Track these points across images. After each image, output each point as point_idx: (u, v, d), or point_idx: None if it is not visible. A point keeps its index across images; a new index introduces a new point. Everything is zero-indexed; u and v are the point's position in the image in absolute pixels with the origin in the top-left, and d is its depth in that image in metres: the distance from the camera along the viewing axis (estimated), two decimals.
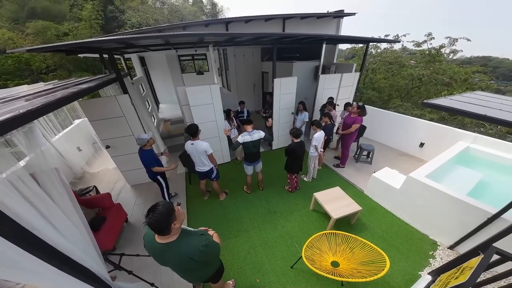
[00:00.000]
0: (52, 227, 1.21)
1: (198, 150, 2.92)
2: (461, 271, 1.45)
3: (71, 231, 1.38)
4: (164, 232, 1.22)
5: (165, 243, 1.26)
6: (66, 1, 17.64)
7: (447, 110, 1.70)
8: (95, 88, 2.43)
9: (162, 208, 1.17)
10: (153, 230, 1.22)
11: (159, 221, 1.16)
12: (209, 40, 3.68)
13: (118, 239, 2.95)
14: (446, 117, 8.82)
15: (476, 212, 2.29)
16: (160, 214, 1.15)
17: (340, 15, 5.65)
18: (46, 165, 1.34)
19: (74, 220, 1.47)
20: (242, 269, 2.55)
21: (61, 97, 1.61)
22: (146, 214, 1.17)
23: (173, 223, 1.22)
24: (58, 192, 1.41)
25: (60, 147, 4.41)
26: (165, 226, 1.19)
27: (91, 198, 2.92)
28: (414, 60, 10.33)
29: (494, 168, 3.46)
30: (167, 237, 1.25)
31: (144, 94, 6.71)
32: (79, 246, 1.36)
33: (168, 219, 1.19)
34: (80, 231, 1.48)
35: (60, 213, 1.32)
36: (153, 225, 1.16)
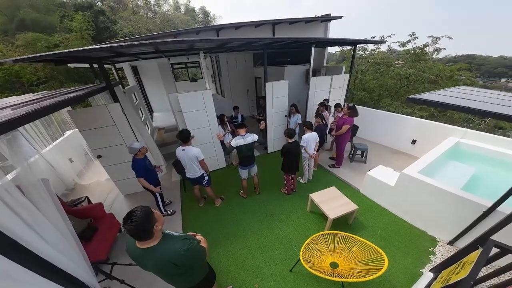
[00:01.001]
0: (39, 236, 1.18)
1: (189, 156, 2.89)
2: (462, 266, 1.45)
3: (58, 241, 1.36)
4: (145, 237, 1.18)
5: (145, 248, 1.21)
6: (56, 12, 17.61)
7: (431, 104, 1.74)
8: (84, 97, 2.40)
9: (139, 213, 1.14)
10: (134, 237, 1.17)
11: (139, 226, 1.11)
12: (200, 47, 3.72)
13: (111, 249, 2.86)
14: (436, 114, 9.08)
15: (471, 206, 2.32)
16: (138, 218, 1.11)
17: (327, 19, 5.82)
18: (32, 176, 1.33)
19: (62, 230, 1.44)
20: (240, 275, 2.49)
21: (46, 105, 1.59)
22: (123, 222, 1.12)
23: (155, 225, 1.19)
24: (45, 202, 1.40)
25: (50, 159, 4.30)
26: (145, 231, 1.15)
27: (82, 208, 2.85)
28: (401, 60, 10.67)
29: (485, 162, 3.53)
30: (148, 242, 1.21)
31: (137, 103, 6.67)
32: (67, 256, 1.33)
33: (148, 223, 1.15)
34: (68, 241, 1.45)
35: (46, 223, 1.30)
36: (133, 231, 1.12)
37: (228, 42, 3.28)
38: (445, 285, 1.44)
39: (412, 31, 9.83)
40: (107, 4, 22.01)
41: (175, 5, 28.19)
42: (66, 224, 1.59)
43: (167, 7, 27.66)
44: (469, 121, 8.32)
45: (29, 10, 17.06)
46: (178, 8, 27.98)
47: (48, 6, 18.08)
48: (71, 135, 5.45)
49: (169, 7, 27.81)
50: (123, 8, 22.75)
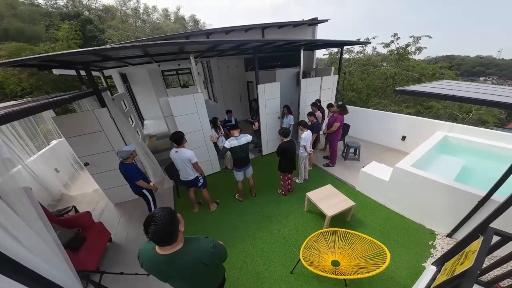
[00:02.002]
0: (18, 242, 1.09)
1: (182, 158, 2.81)
2: (465, 256, 1.44)
3: (41, 248, 1.27)
4: (170, 240, 1.09)
5: (170, 254, 1.12)
6: (41, 22, 17.25)
7: (418, 95, 1.78)
8: (68, 100, 2.29)
9: (162, 213, 1.04)
10: (159, 242, 1.08)
11: (165, 228, 1.02)
12: (190, 50, 3.69)
13: (101, 259, 2.71)
14: (422, 110, 9.44)
15: (466, 196, 2.35)
16: (163, 219, 1.02)
17: (314, 22, 6.00)
18: (13, 183, 1.26)
19: (45, 238, 1.35)
20: (239, 280, 2.38)
21: (27, 107, 1.49)
22: (145, 227, 1.02)
23: (179, 226, 1.11)
24: (26, 209, 1.33)
25: (35, 169, 4.08)
26: (171, 233, 1.07)
27: (69, 217, 2.69)
28: (385, 62, 11.14)
29: (473, 154, 3.65)
30: (173, 246, 1.12)
31: (126, 110, 6.51)
32: (50, 264, 1.24)
33: (173, 224, 1.06)
34: (52, 249, 1.36)
35: (27, 229, 1.22)
36: (159, 235, 1.02)
37: (219, 44, 3.29)
38: (450, 276, 1.42)
39: (392, 33, 10.35)
40: (94, 13, 21.82)
41: (165, 14, 28.38)
42: (49, 233, 1.50)
43: (156, 15, 27.82)
44: (453, 116, 8.69)
45: (13, 20, 16.63)
46: (167, 16, 28.18)
47: (33, 16, 17.72)
48: (57, 144, 5.22)
49: (158, 16, 27.96)
50: (111, 17, 22.62)
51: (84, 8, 21.24)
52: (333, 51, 11.77)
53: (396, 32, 10.14)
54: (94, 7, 22.07)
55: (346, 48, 11.26)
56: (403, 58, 9.91)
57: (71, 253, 2.15)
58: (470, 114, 8.25)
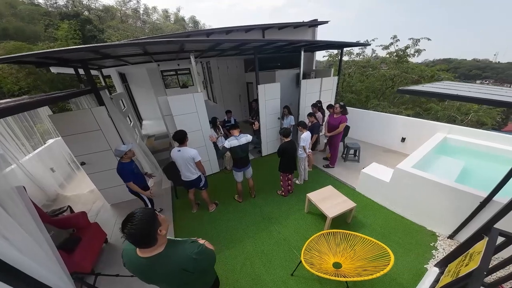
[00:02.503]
0: (9, 244, 1.04)
1: (185, 157, 2.76)
2: (470, 258, 1.41)
3: (32, 249, 1.21)
4: (148, 243, 1.04)
5: (150, 257, 1.07)
6: (41, 21, 17.18)
7: (421, 94, 1.77)
8: (65, 97, 2.25)
9: (141, 215, 1.00)
10: (135, 243, 1.03)
11: (141, 230, 0.97)
12: (191, 49, 3.67)
13: (97, 261, 2.64)
14: (421, 112, 9.49)
15: (467, 197, 2.33)
16: (140, 221, 0.97)
17: (314, 24, 6.02)
18: (5, 181, 1.21)
19: (37, 238, 1.30)
20: (238, 282, 2.33)
21: (22, 102, 1.45)
22: (122, 226, 0.97)
23: (159, 230, 1.05)
24: (17, 207, 1.28)
25: (30, 168, 4.00)
26: (149, 236, 1.01)
27: (64, 217, 2.62)
28: (384, 64, 11.22)
29: (473, 155, 3.65)
30: (152, 249, 1.06)
31: (125, 110, 6.45)
32: (41, 265, 1.19)
33: (151, 226, 1.01)
34: (44, 250, 1.30)
35: (18, 229, 1.16)
36: (135, 236, 0.97)
37: (220, 43, 3.27)
38: (455, 278, 1.39)
39: (392, 35, 10.43)
40: (94, 13, 21.81)
41: (165, 15, 28.44)
42: (42, 233, 1.45)
43: (156, 16, 27.86)
44: (452, 118, 8.74)
45: (12, 19, 16.54)
46: (167, 17, 28.24)
47: (32, 15, 17.66)
48: (53, 144, 5.14)
49: (158, 16, 28.01)
50: (111, 17, 22.61)
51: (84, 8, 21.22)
52: (333, 53, 11.83)
53: (396, 34, 10.22)
54: (94, 7, 22.07)
55: (346, 50, 11.33)
56: (402, 60, 9.99)
57: (65, 254, 2.09)
58: (469, 116, 8.30)
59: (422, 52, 9.62)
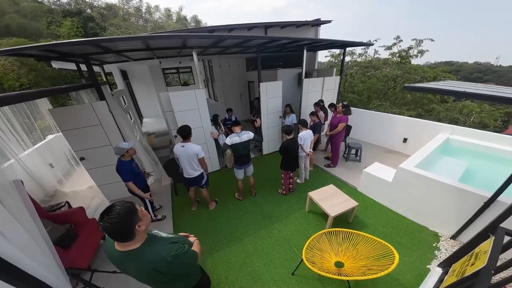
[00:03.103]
0: (4, 238, 1.00)
1: (188, 153, 2.72)
2: (475, 257, 1.38)
3: (27, 244, 1.18)
4: (124, 238, 1.01)
5: (125, 251, 1.04)
6: (43, 18, 17.21)
7: (429, 91, 1.74)
8: (65, 90, 2.22)
9: (119, 208, 0.97)
10: (110, 237, 1.01)
11: (117, 224, 0.94)
12: (193, 45, 3.65)
13: (94, 257, 2.60)
14: (423, 113, 9.45)
15: (471, 197, 2.29)
16: (117, 215, 0.95)
17: (317, 23, 6.00)
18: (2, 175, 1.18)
19: (33, 233, 1.26)
20: (238, 280, 2.29)
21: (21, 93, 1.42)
22: (99, 217, 0.95)
23: (137, 225, 1.01)
24: (13, 201, 1.24)
25: (29, 163, 3.96)
26: (125, 230, 0.99)
27: (61, 213, 2.59)
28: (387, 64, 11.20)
29: (476, 156, 3.61)
30: (128, 244, 1.03)
31: (125, 106, 6.43)
32: (37, 260, 1.15)
33: (129, 221, 0.98)
34: (39, 245, 1.27)
35: (14, 223, 1.13)
36: (110, 229, 0.95)
37: (223, 39, 3.25)
38: (461, 277, 1.36)
39: (395, 36, 10.40)
40: (97, 11, 21.85)
41: (167, 14, 28.48)
42: (38, 228, 1.42)
43: (158, 15, 27.91)
44: (455, 119, 8.69)
45: (15, 16, 16.56)
46: (169, 16, 28.26)
47: (35, 12, 17.67)
48: (53, 139, 5.11)
49: (160, 15, 28.05)
50: (113, 15, 22.65)
51: (86, 6, 21.26)
52: (335, 53, 11.81)
53: (399, 35, 10.21)
54: (96, 5, 22.12)
55: (348, 50, 11.31)
56: (405, 60, 9.96)
57: (61, 250, 2.05)
58: (471, 117, 8.26)
59: (425, 53, 9.59)
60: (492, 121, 8.17)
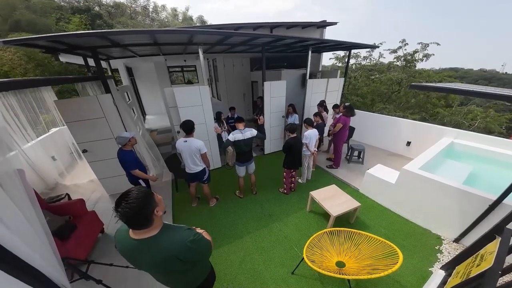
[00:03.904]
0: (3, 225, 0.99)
1: (191, 148, 2.72)
2: (481, 258, 1.35)
3: (27, 232, 1.16)
4: (143, 224, 0.97)
5: (142, 239, 1.00)
6: (52, 14, 17.48)
7: (436, 90, 1.72)
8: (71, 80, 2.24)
9: (137, 193, 0.94)
10: (128, 224, 0.95)
11: (136, 208, 0.90)
12: (199, 42, 3.67)
13: (92, 250, 2.60)
14: (427, 117, 9.37)
15: (476, 200, 2.26)
16: (136, 200, 0.91)
17: (323, 24, 6.02)
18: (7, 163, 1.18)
19: (33, 221, 1.25)
20: (237, 278, 2.27)
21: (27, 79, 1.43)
22: (116, 204, 0.91)
23: (155, 210, 0.99)
24: (16, 189, 1.23)
25: (32, 155, 3.99)
26: (144, 216, 0.95)
27: (60, 204, 2.58)
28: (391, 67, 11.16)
29: (481, 160, 3.56)
30: (146, 230, 1.00)
31: (129, 102, 6.48)
32: (36, 250, 1.13)
33: (148, 205, 0.95)
34: (38, 234, 1.25)
35: (15, 210, 1.12)
36: (129, 215, 0.90)
37: (229, 36, 3.26)
38: (465, 279, 1.33)
39: (396, 42, 10.38)
40: (104, 8, 22.16)
41: (173, 13, 28.76)
42: (39, 217, 1.40)
43: (165, 14, 28.20)
44: (460, 123, 8.61)
45: (25, 12, 16.84)
46: (176, 16, 28.53)
47: (45, 8, 17.96)
48: (57, 132, 5.15)
49: (167, 15, 28.34)
50: (121, 13, 22.94)
51: (95, 3, 21.56)
52: (340, 55, 11.81)
53: (404, 38, 10.17)
54: (104, 3, 22.42)
55: (353, 53, 11.30)
56: (410, 64, 9.92)
57: (59, 242, 2.04)
58: (476, 122, 8.17)
59: (431, 57, 9.53)
60: (497, 126, 8.07)
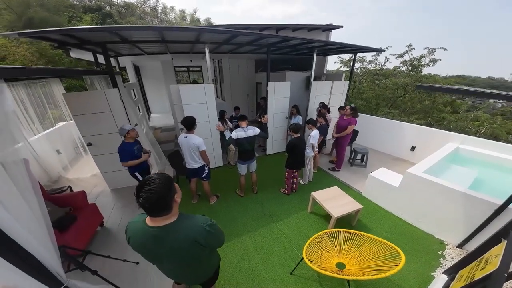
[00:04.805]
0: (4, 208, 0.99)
1: (190, 144, 2.74)
2: (485, 262, 1.32)
3: (28, 219, 1.16)
4: (164, 210, 0.97)
5: (162, 226, 1.00)
6: (65, 13, 17.95)
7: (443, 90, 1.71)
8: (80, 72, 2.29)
9: (159, 178, 0.93)
10: (150, 209, 0.94)
11: (160, 193, 0.90)
12: (206, 40, 3.72)
13: (90, 242, 2.61)
14: (433, 123, 9.23)
15: (481, 205, 2.21)
16: (159, 184, 0.91)
17: (329, 28, 6.04)
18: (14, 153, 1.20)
19: (34, 209, 1.26)
20: (234, 277, 2.24)
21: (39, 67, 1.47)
22: (137, 191, 0.90)
23: (176, 196, 1.00)
24: (21, 176, 1.25)
25: (37, 148, 4.05)
26: (166, 201, 0.95)
27: (62, 195, 2.62)
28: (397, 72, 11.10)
29: (486, 166, 3.49)
30: (166, 217, 1.00)
31: (135, 100, 6.58)
32: (37, 238, 1.13)
33: (169, 191, 0.96)
34: (39, 222, 1.26)
35: (18, 197, 1.13)
36: (152, 200, 0.90)
37: (236, 35, 3.30)
38: (468, 282, 1.29)
39: (402, 48, 10.31)
40: (115, 8, 22.66)
41: (181, 15, 29.20)
42: (40, 204, 1.40)
43: (173, 15, 28.68)
44: (466, 129, 8.46)
45: (39, 9, 17.31)
46: (184, 17, 28.97)
47: (58, 7, 18.43)
48: (63, 126, 5.23)
49: (175, 16, 28.80)
50: (130, 13, 23.42)
51: (106, 3, 22.07)
52: (345, 59, 11.79)
53: (411, 43, 10.10)
54: (115, 3, 22.91)
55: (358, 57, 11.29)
56: (416, 69, 9.84)
57: (57, 232, 2.05)
58: (483, 129, 8.02)
59: (438, 63, 9.42)
60: (504, 134, 7.91)
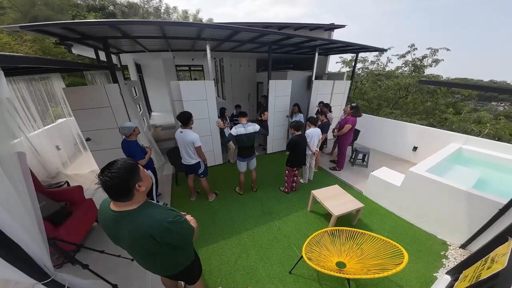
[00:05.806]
0: None
1: (185, 140, 2.70)
2: (491, 261, 1.27)
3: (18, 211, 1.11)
4: (123, 196, 0.96)
5: (120, 211, 0.99)
6: (69, 12, 18.09)
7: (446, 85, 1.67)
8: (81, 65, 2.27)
9: (121, 164, 0.94)
10: (108, 193, 0.94)
11: (117, 179, 0.90)
12: (207, 37, 3.70)
13: (85, 238, 2.57)
14: (435, 124, 9.16)
15: (485, 204, 2.16)
16: (119, 170, 0.91)
17: (331, 27, 6.02)
18: None
19: (25, 202, 1.20)
20: (232, 275, 2.20)
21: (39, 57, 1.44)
22: (100, 172, 0.91)
23: (138, 184, 0.97)
24: (15, 171, 1.20)
25: (36, 143, 4.03)
26: (124, 187, 0.93)
27: (58, 189, 2.57)
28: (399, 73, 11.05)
29: (490, 167, 3.43)
30: (125, 203, 0.99)
31: (136, 97, 6.57)
32: (22, 225, 1.07)
33: (130, 177, 0.94)
34: (28, 213, 1.21)
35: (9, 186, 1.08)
36: (109, 184, 0.89)
37: (238, 31, 3.28)
38: (474, 282, 1.24)
39: (409, 44, 10.24)
40: (119, 8, 22.82)
41: (184, 15, 29.35)
42: (31, 195, 1.33)
43: (176, 16, 28.79)
44: (469, 130, 8.39)
45: (43, 8, 17.46)
46: (186, 18, 29.10)
47: (62, 6, 18.58)
48: (63, 122, 5.22)
49: (178, 16, 28.93)
50: (133, 13, 23.58)
51: (110, 3, 22.24)
52: (347, 59, 11.76)
53: (414, 43, 10.05)
54: (119, 2, 23.09)
55: (360, 57, 11.26)
56: (419, 70, 9.78)
57: (51, 226, 2.02)
58: (486, 129, 7.94)
59: (440, 63, 9.34)
60: (508, 134, 7.83)
